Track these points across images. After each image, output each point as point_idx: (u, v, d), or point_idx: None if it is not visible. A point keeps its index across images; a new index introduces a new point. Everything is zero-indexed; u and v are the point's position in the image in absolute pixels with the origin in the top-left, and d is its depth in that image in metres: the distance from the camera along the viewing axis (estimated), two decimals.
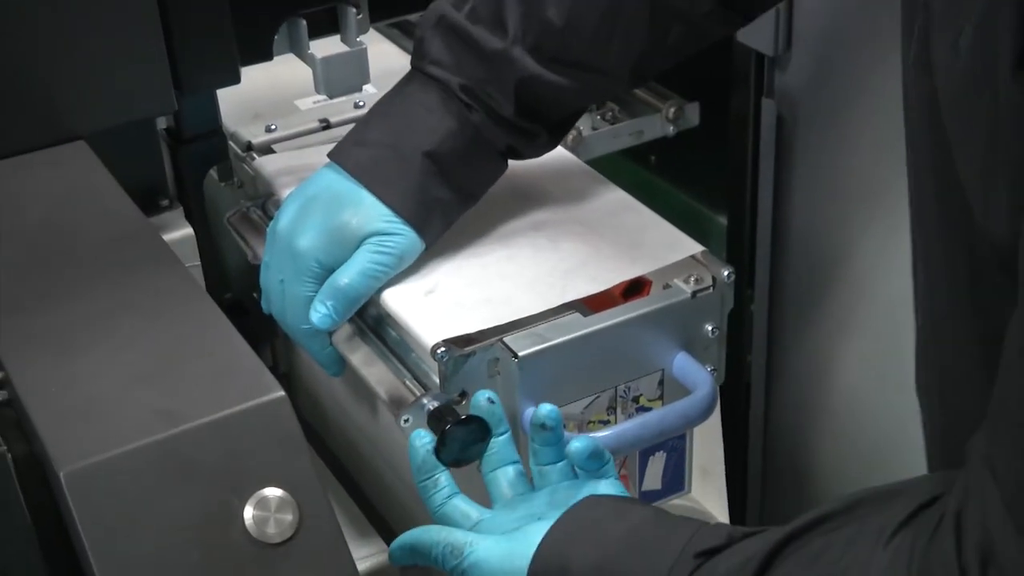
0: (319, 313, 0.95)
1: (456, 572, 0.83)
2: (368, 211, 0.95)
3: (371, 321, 1.00)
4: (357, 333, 1.00)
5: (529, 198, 1.07)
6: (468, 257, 1.01)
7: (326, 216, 0.96)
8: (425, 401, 0.92)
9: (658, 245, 1.01)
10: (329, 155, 1.00)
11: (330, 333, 0.98)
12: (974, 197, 0.65)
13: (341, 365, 1.00)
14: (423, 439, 0.88)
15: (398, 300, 0.97)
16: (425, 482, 0.89)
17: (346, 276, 0.95)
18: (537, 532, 0.80)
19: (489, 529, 0.85)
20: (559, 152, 1.15)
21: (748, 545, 0.73)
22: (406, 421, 0.92)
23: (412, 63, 1.00)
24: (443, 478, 0.89)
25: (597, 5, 0.96)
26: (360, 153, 0.97)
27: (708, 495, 1.11)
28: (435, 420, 0.89)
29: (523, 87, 0.97)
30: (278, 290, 0.98)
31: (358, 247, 0.96)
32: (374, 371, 0.97)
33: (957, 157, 0.66)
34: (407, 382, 0.95)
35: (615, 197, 1.09)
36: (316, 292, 0.96)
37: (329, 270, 0.96)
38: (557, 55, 0.97)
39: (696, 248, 1.01)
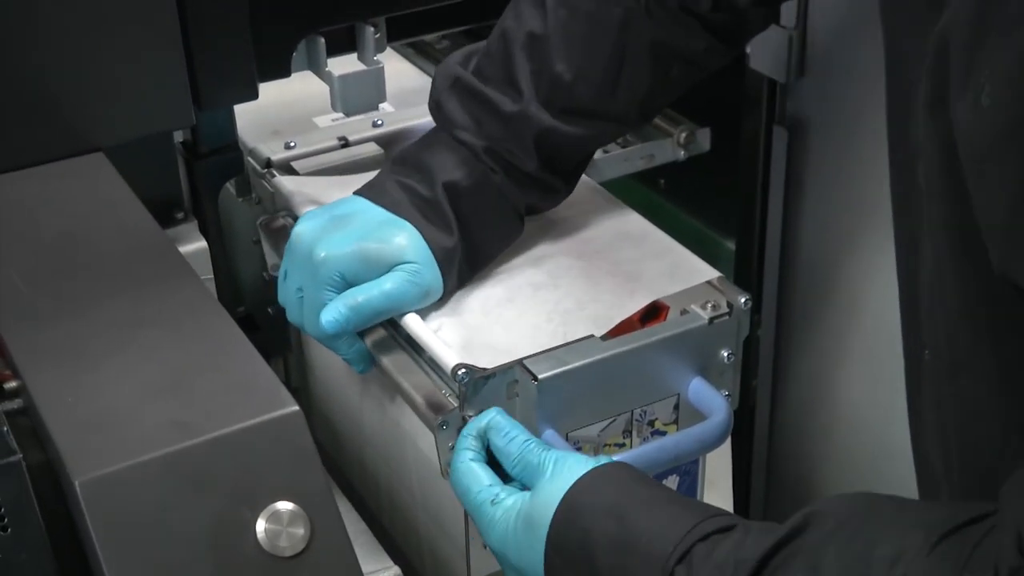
0: (331, 315, 0.95)
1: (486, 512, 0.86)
2: (411, 241, 0.96)
3: (402, 333, 1.00)
4: (390, 338, 1.01)
5: (544, 221, 1.08)
6: (488, 282, 1.02)
7: (360, 234, 0.96)
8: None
9: (675, 270, 1.02)
10: (362, 192, 1.01)
11: (361, 332, 0.99)
12: (995, 247, 0.66)
13: (370, 361, 1.00)
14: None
15: (415, 327, 0.98)
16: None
17: (370, 293, 0.96)
18: (548, 499, 0.82)
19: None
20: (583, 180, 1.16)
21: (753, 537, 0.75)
22: (443, 426, 0.93)
23: (438, 125, 1.02)
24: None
25: (601, 55, 0.99)
26: (398, 193, 0.99)
27: None
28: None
29: (541, 141, 1.00)
30: (295, 300, 0.99)
31: (386, 271, 0.96)
32: (409, 377, 0.97)
33: (979, 210, 0.67)
34: (443, 391, 0.95)
35: (631, 221, 1.09)
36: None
37: (349, 284, 0.96)
38: (568, 107, 1.00)
39: (713, 274, 1.01)
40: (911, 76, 0.77)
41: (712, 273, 1.02)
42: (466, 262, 1.00)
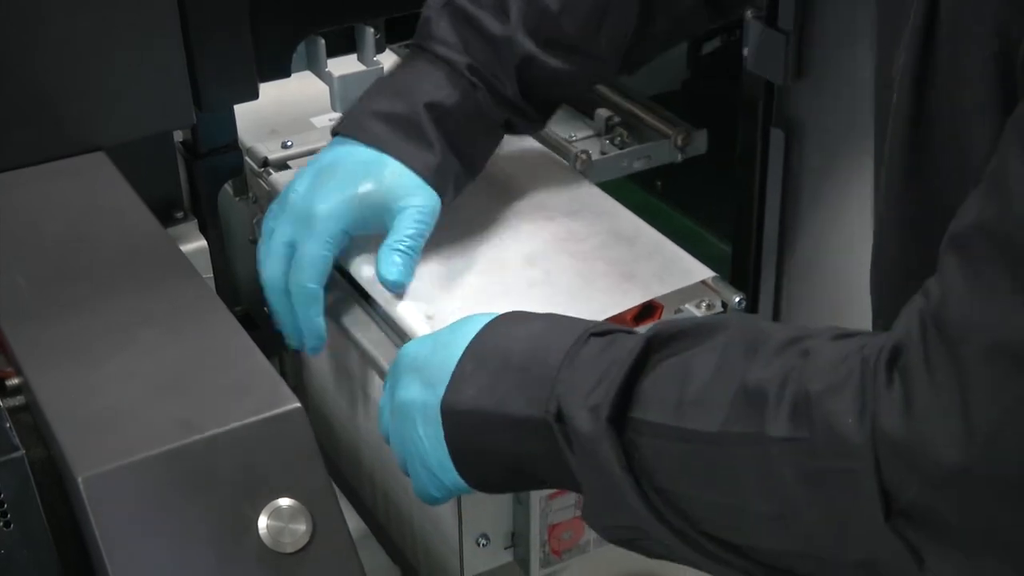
0: (392, 268, 0.97)
1: (389, 380, 0.89)
2: (400, 179, 0.98)
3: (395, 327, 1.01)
4: (359, 308, 1.02)
5: (542, 219, 1.09)
6: (483, 277, 1.03)
7: (351, 183, 0.98)
8: None
9: (669, 270, 1.03)
10: (338, 129, 1.02)
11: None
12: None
13: (323, 340, 1.01)
14: None
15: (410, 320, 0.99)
16: None
17: (405, 239, 0.98)
18: (479, 319, 0.85)
19: None
20: (573, 174, 1.17)
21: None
22: None
23: (416, 41, 1.04)
24: None
25: None
26: (374, 124, 1.00)
27: None
28: None
29: (523, 68, 1.02)
30: (282, 253, 0.98)
31: (390, 212, 0.98)
32: (372, 337, 0.99)
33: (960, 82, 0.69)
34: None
35: (627, 220, 1.10)
36: (333, 253, 0.97)
37: (348, 234, 0.98)
38: (552, 37, 1.02)
39: (707, 273, 1.02)
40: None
41: (706, 273, 1.02)
42: (461, 172, 1.02)
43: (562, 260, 1.04)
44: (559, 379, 0.78)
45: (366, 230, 0.99)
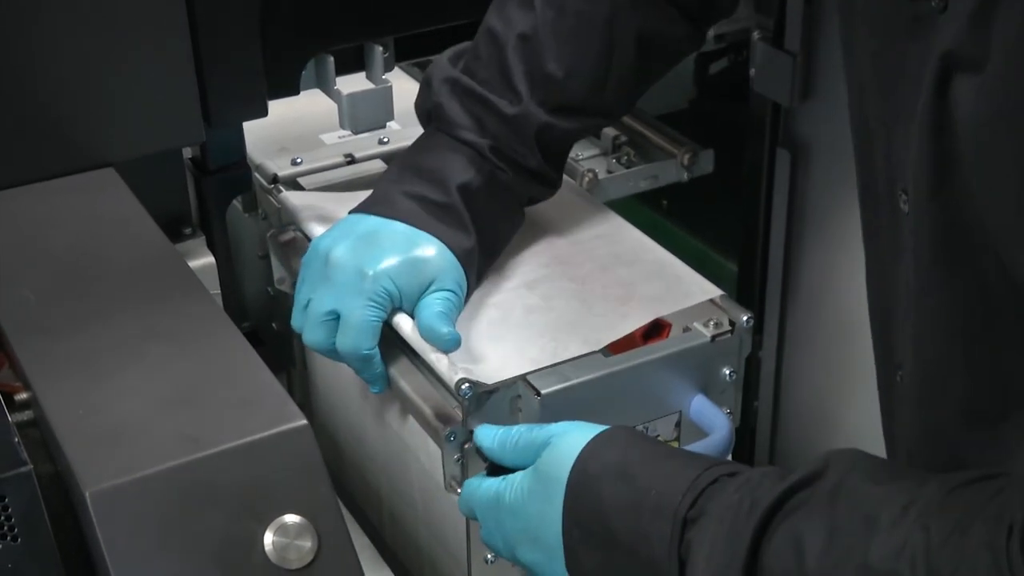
0: (453, 334, 0.95)
1: (481, 512, 0.88)
2: (441, 257, 0.98)
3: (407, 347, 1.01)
4: (397, 350, 1.01)
5: (541, 243, 1.09)
6: (481, 305, 1.03)
7: (397, 248, 0.97)
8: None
9: (671, 291, 1.03)
10: (365, 207, 1.01)
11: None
12: (1006, 243, 0.67)
13: (387, 383, 1.00)
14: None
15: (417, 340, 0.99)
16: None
17: (434, 310, 0.97)
18: (559, 465, 0.83)
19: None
20: (582, 195, 1.17)
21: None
22: (450, 437, 0.93)
23: (436, 126, 1.04)
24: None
25: (591, 52, 1.03)
26: (409, 205, 1.00)
27: None
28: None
29: (540, 137, 1.03)
30: (323, 321, 0.97)
31: (424, 287, 0.97)
32: (416, 388, 0.98)
33: (987, 207, 0.68)
34: (452, 404, 0.95)
35: (635, 240, 1.10)
36: (382, 318, 0.96)
37: (396, 298, 0.97)
38: (561, 104, 1.03)
39: (715, 292, 1.02)
40: (893, 99, 0.77)
41: (711, 291, 1.02)
42: (482, 257, 1.03)
43: (561, 285, 1.04)
44: (671, 567, 0.77)
45: (406, 302, 0.98)
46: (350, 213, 1.02)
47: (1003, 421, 0.77)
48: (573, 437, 0.84)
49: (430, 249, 0.98)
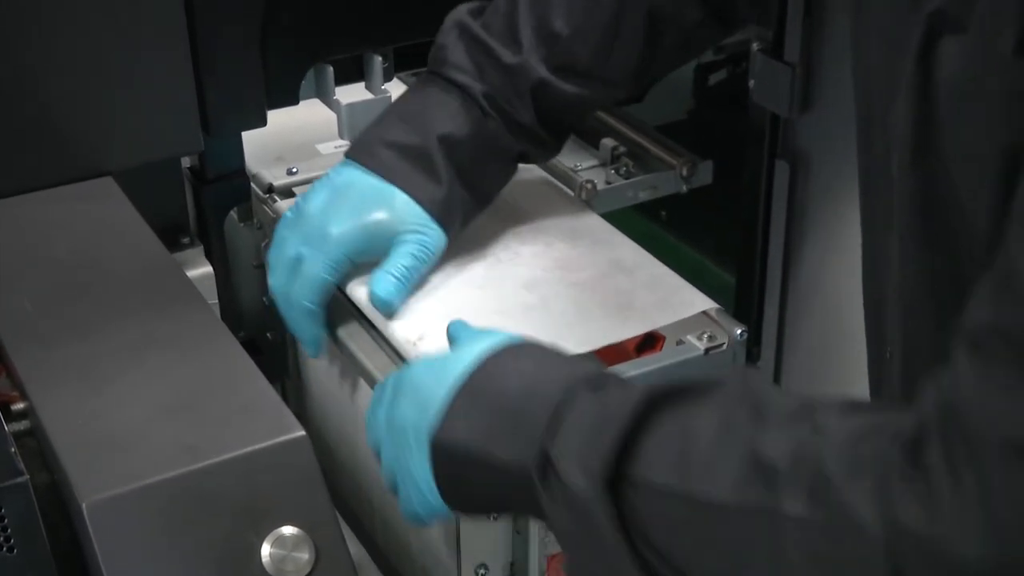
0: (389, 284, 0.99)
1: (386, 395, 0.88)
2: (402, 210, 1.00)
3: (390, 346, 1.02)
4: (365, 335, 1.03)
5: (541, 246, 1.09)
6: (480, 301, 1.03)
7: (360, 210, 1.00)
8: None
9: (668, 301, 1.03)
10: (349, 154, 1.03)
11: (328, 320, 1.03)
12: (974, 212, 0.67)
13: (319, 348, 1.04)
14: None
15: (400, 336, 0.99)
16: None
17: (404, 264, 1.00)
18: (473, 349, 0.83)
19: None
20: (575, 203, 1.17)
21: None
22: None
23: (430, 67, 1.05)
24: None
25: (599, 17, 1.03)
26: (385, 154, 1.02)
27: None
28: None
29: (537, 94, 1.03)
30: (289, 266, 1.01)
31: (392, 243, 1.00)
32: (378, 364, 0.99)
33: (959, 174, 0.69)
34: None
35: (629, 251, 1.10)
36: (336, 279, 1.00)
37: (353, 262, 1.00)
38: (564, 64, 1.03)
39: (707, 305, 1.02)
40: (889, 76, 0.77)
41: (706, 304, 1.02)
42: (471, 204, 1.04)
43: (560, 288, 1.04)
44: (548, 433, 0.77)
45: (369, 257, 1.01)
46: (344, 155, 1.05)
47: None
48: (495, 334, 0.86)
49: (397, 205, 1.00)
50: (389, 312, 1.00)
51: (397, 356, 1.00)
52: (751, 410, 0.71)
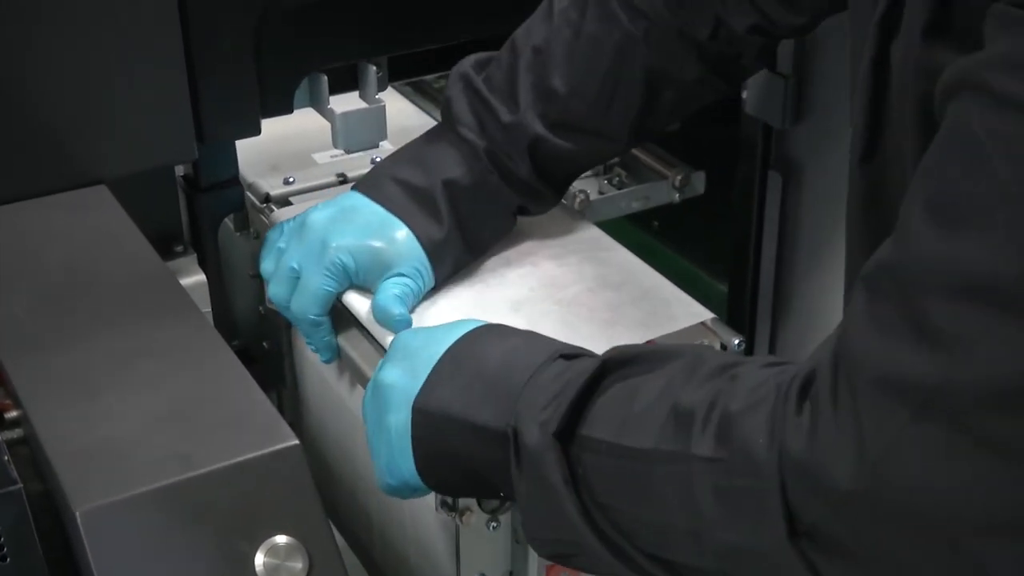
0: (404, 316, 1.01)
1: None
2: (403, 244, 1.03)
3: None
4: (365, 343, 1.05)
5: (529, 264, 1.09)
6: (479, 315, 1.03)
7: (362, 232, 1.03)
8: None
9: (656, 316, 1.03)
10: (357, 186, 1.06)
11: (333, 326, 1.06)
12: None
13: (336, 352, 1.07)
14: None
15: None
16: None
17: (397, 289, 1.02)
18: (468, 323, 0.89)
19: None
20: (572, 215, 1.17)
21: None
22: None
23: (442, 119, 1.08)
24: None
25: (597, 75, 1.04)
26: (392, 189, 1.04)
27: None
28: None
29: (534, 150, 1.04)
30: (288, 276, 1.03)
31: (386, 274, 1.02)
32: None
33: (898, 174, 0.73)
34: None
35: (624, 262, 1.10)
36: (336, 290, 1.02)
37: (350, 278, 1.03)
38: (561, 121, 1.05)
39: (705, 315, 1.02)
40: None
41: (701, 314, 1.02)
42: (463, 252, 1.06)
43: (547, 307, 1.04)
44: (522, 395, 0.81)
45: (361, 280, 1.03)
46: (351, 188, 1.07)
47: None
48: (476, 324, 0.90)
49: (399, 235, 1.02)
50: (402, 324, 1.01)
51: None
52: (686, 371, 0.76)
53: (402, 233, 1.02)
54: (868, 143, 0.77)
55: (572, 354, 0.84)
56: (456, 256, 1.06)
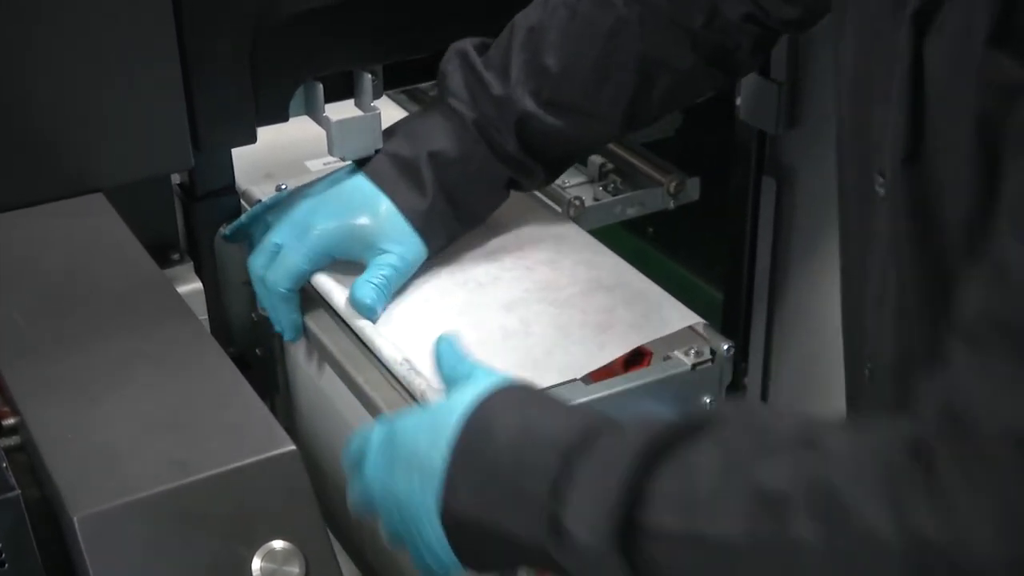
0: (368, 294, 1.02)
1: (373, 453, 0.86)
2: (385, 218, 1.05)
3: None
4: (356, 349, 1.05)
5: (523, 266, 1.10)
6: (473, 316, 1.03)
7: (346, 211, 1.05)
8: None
9: (648, 319, 1.03)
10: (356, 160, 1.09)
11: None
12: (964, 207, 0.68)
13: (300, 331, 1.09)
14: None
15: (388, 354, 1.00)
16: None
17: (386, 272, 1.04)
18: (459, 403, 0.82)
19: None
20: (562, 221, 1.18)
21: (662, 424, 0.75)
22: None
23: (436, 93, 1.10)
24: None
25: (590, 54, 1.05)
26: (380, 159, 1.07)
27: None
28: None
29: (522, 125, 1.06)
30: (270, 249, 1.06)
31: (372, 250, 1.04)
32: (368, 376, 1.01)
33: (948, 172, 0.70)
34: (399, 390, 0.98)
35: (616, 267, 1.11)
36: (312, 268, 1.06)
37: (331, 257, 1.06)
38: (553, 99, 1.06)
39: (696, 320, 1.02)
40: (872, 86, 0.79)
41: (688, 320, 1.03)
42: (455, 221, 1.07)
43: (540, 308, 1.05)
44: (552, 500, 0.75)
45: (347, 256, 1.06)
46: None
47: None
48: (481, 379, 0.85)
49: (382, 208, 1.05)
50: (372, 317, 1.03)
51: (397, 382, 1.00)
52: (753, 442, 0.70)
53: (384, 206, 1.05)
54: (910, 143, 0.73)
55: (587, 438, 0.76)
56: (448, 226, 1.07)
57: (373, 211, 1.05)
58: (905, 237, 0.77)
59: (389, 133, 1.10)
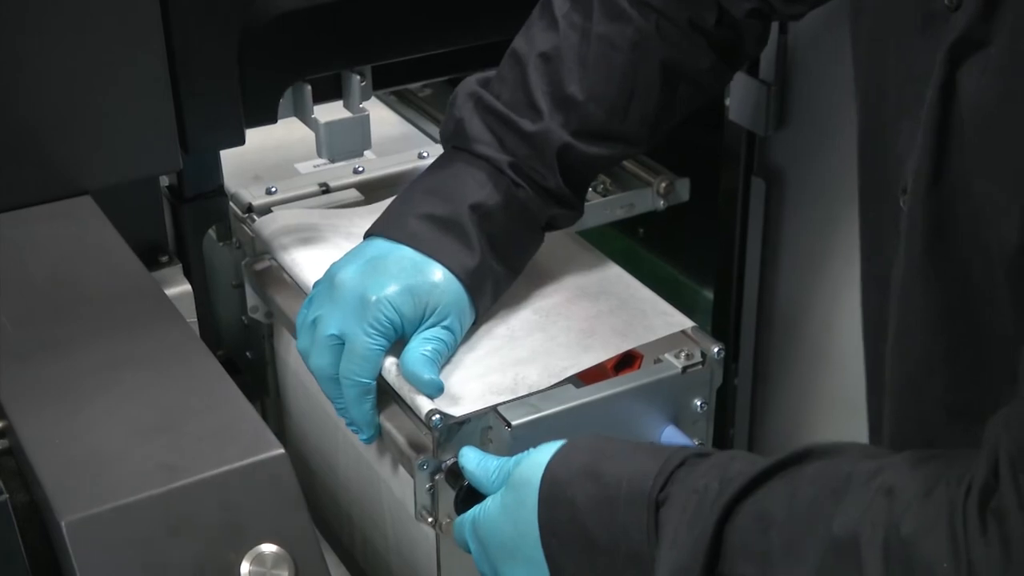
0: (435, 381, 0.95)
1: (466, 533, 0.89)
2: (444, 283, 0.97)
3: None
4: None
5: (526, 272, 1.10)
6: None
7: (402, 278, 0.96)
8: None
9: (649, 320, 1.03)
10: (375, 231, 1.01)
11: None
12: (999, 225, 0.68)
13: (377, 430, 0.99)
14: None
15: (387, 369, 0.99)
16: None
17: (440, 342, 0.97)
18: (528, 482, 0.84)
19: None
20: None
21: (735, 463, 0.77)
22: (423, 466, 0.93)
23: (454, 144, 1.03)
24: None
25: (614, 77, 1.02)
26: (417, 226, 0.99)
27: None
28: (452, 476, 0.92)
29: (562, 157, 1.01)
30: (330, 344, 0.96)
31: (428, 313, 0.97)
32: (389, 418, 0.98)
33: (984, 190, 0.69)
34: (423, 432, 0.96)
35: (607, 270, 1.11)
36: (384, 347, 0.96)
37: (396, 330, 0.96)
38: (582, 128, 1.02)
39: (687, 323, 1.02)
40: (898, 100, 0.78)
41: (680, 322, 1.03)
42: (501, 276, 1.02)
43: (526, 316, 1.04)
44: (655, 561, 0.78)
45: (410, 332, 0.97)
46: (365, 234, 1.02)
47: (983, 416, 0.77)
48: (540, 452, 0.86)
49: (436, 276, 0.97)
50: (437, 391, 0.95)
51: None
52: (822, 484, 0.72)
53: (439, 273, 0.97)
54: (934, 170, 0.73)
55: (663, 493, 0.79)
56: (495, 281, 1.01)
57: (428, 278, 0.97)
58: (923, 251, 0.77)
59: (407, 195, 1.03)
